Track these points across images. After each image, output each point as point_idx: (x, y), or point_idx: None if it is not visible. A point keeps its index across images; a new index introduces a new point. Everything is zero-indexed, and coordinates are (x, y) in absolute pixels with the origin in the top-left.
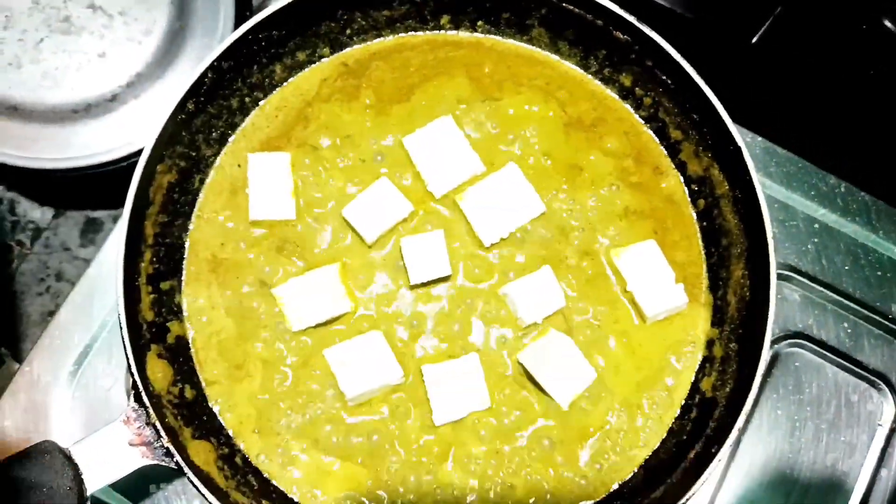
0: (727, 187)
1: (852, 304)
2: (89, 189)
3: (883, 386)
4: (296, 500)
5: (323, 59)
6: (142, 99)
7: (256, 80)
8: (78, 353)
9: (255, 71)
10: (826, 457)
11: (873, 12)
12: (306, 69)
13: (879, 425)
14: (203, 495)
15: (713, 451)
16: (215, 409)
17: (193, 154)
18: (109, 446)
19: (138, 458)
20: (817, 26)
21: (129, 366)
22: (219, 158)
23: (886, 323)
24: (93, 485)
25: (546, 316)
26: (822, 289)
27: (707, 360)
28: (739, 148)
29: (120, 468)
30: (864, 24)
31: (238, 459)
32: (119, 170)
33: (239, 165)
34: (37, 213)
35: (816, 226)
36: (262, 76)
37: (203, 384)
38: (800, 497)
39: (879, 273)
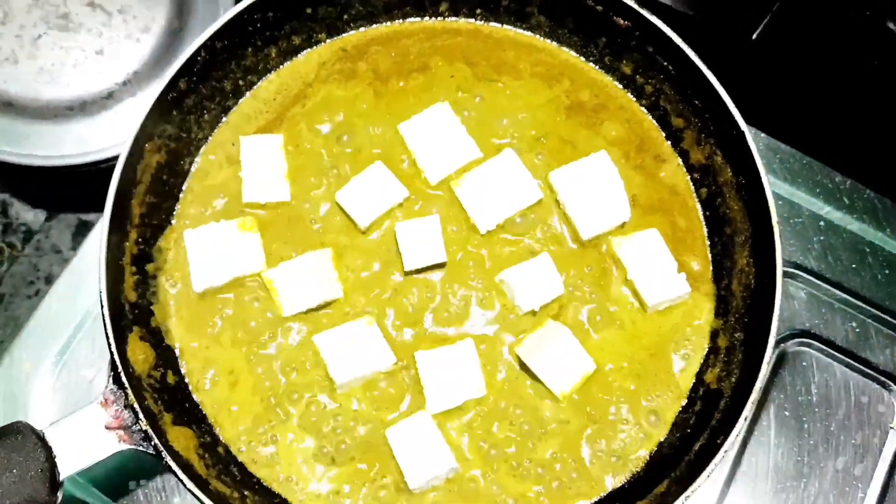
0: (730, 174)
1: (859, 303)
2: (82, 190)
3: (893, 387)
4: (278, 491)
5: (319, 45)
6: (138, 97)
7: (251, 62)
8: (62, 343)
9: (250, 53)
10: (836, 460)
11: (874, 13)
12: (302, 54)
13: (892, 428)
14: (181, 481)
15: (718, 441)
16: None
17: (184, 135)
18: (85, 429)
19: (115, 443)
20: (817, 21)
21: (108, 345)
22: (210, 140)
23: (895, 322)
24: (66, 468)
25: (544, 304)
26: (828, 287)
27: (711, 352)
28: (743, 133)
29: (95, 452)
30: (864, 20)
31: (220, 448)
32: (112, 169)
33: (233, 143)
34: (29, 216)
35: (822, 223)
36: (257, 59)
37: (185, 370)
38: (809, 503)
39: (887, 271)
